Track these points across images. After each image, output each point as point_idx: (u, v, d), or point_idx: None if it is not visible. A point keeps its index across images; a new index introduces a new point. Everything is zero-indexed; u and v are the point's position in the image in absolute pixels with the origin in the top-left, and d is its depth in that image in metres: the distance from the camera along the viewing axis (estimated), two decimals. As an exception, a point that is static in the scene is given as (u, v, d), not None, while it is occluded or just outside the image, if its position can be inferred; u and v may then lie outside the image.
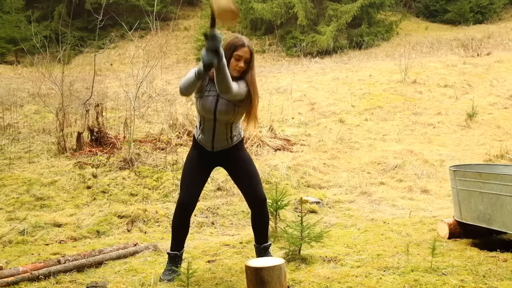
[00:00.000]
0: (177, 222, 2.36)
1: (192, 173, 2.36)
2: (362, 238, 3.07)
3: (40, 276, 2.36)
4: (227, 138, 2.34)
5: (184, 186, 2.35)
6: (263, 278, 1.90)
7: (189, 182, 2.34)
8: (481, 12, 16.23)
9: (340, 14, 13.36)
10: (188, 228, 2.41)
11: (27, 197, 3.70)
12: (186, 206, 2.33)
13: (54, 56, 5.90)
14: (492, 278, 2.26)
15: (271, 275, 1.91)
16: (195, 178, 2.36)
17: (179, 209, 2.34)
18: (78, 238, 3.19)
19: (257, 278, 1.90)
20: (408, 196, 4.22)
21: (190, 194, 2.34)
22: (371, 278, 2.30)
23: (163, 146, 4.81)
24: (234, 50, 2.19)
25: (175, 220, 2.37)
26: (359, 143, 5.86)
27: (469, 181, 2.79)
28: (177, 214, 2.36)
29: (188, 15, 17.18)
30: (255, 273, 1.91)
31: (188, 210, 2.36)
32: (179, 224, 2.36)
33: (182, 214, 2.35)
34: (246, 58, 2.21)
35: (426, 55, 11.49)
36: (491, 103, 7.44)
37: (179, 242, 2.40)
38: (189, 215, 2.38)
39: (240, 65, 2.20)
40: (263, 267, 1.91)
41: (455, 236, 2.93)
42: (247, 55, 2.20)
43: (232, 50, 2.19)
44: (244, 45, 2.20)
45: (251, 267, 1.93)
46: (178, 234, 2.38)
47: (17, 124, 5.78)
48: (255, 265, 1.93)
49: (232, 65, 2.19)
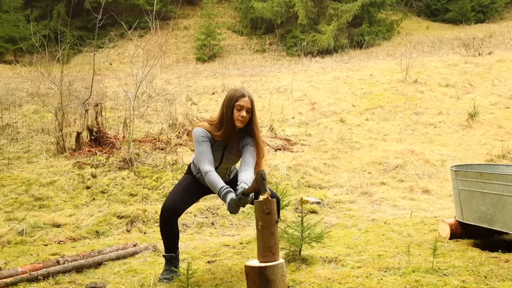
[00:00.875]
0: (165, 227, 2.33)
1: (184, 185, 2.41)
2: (363, 238, 3.06)
3: (39, 277, 2.35)
4: (226, 176, 2.47)
5: (170, 195, 2.37)
6: (268, 276, 1.89)
7: (179, 191, 2.37)
8: (482, 11, 16.21)
9: (340, 13, 13.34)
10: (177, 230, 2.38)
11: (26, 197, 3.69)
12: (171, 210, 2.29)
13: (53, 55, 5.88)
14: (494, 279, 2.25)
15: (275, 273, 1.90)
16: (187, 190, 2.39)
17: (164, 213, 2.30)
18: (77, 238, 3.18)
19: (261, 277, 1.89)
20: (409, 196, 4.21)
21: (178, 200, 2.33)
22: (372, 279, 2.29)
23: (163, 146, 4.80)
24: (235, 101, 2.28)
25: (162, 225, 2.33)
26: (360, 143, 5.85)
27: (470, 181, 2.78)
28: (162, 219, 2.32)
29: (188, 14, 17.16)
30: (259, 272, 1.89)
31: (173, 215, 2.31)
32: (167, 228, 2.33)
33: (168, 218, 2.30)
34: (248, 108, 2.30)
35: (427, 55, 11.49)
36: (493, 103, 7.42)
37: (172, 245, 2.38)
38: (175, 219, 2.33)
39: (242, 114, 2.28)
40: (267, 266, 1.89)
41: (456, 236, 2.92)
42: (248, 104, 2.29)
43: (234, 102, 2.29)
44: (244, 95, 2.30)
45: (254, 267, 1.91)
46: (168, 237, 2.36)
47: (16, 124, 5.76)
48: (259, 265, 1.92)
49: (235, 115, 2.29)
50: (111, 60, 13.88)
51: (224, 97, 2.37)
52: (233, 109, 2.28)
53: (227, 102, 2.30)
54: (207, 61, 13.76)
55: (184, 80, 9.89)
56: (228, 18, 16.74)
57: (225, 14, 16.93)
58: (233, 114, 2.28)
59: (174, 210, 2.30)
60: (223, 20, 16.39)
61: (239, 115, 2.28)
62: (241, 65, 12.61)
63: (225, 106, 2.30)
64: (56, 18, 14.37)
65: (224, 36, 14.84)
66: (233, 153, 2.39)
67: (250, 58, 13.71)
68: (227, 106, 2.28)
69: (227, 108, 2.28)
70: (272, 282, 1.90)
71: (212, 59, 13.92)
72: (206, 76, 10.64)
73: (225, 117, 2.28)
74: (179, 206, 2.32)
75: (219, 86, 8.77)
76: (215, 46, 14.06)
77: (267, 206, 1.89)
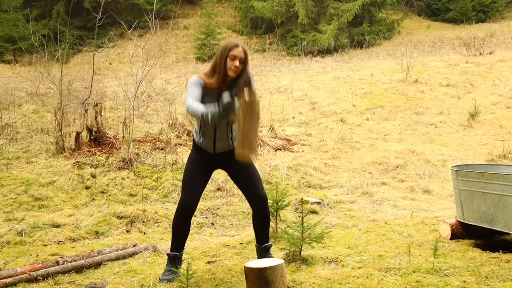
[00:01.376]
0: (179, 223, 2.39)
1: (193, 174, 2.41)
2: (364, 238, 3.05)
3: (38, 277, 2.35)
4: (228, 139, 2.40)
5: (185, 187, 2.40)
6: (267, 278, 1.90)
7: (190, 184, 2.39)
8: (483, 10, 16.15)
9: (341, 12, 13.29)
10: (189, 229, 2.44)
11: (25, 198, 3.69)
12: (187, 207, 2.36)
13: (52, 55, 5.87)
14: (495, 279, 2.26)
15: (275, 275, 1.91)
16: (196, 179, 2.40)
17: (181, 210, 2.37)
18: (77, 238, 3.17)
19: (260, 279, 1.89)
20: (409, 197, 4.20)
21: (192, 195, 2.37)
22: (372, 279, 2.29)
23: (163, 146, 4.79)
24: (228, 51, 2.31)
25: (176, 221, 2.40)
26: (360, 143, 5.84)
27: (471, 181, 2.78)
28: (178, 215, 2.39)
29: (187, 13, 17.13)
30: (258, 273, 1.90)
31: (190, 211, 2.39)
32: (180, 225, 2.39)
33: (184, 215, 2.38)
34: (241, 58, 2.32)
35: (428, 54, 11.46)
36: (494, 103, 7.40)
37: (179, 243, 2.42)
38: (190, 216, 2.41)
39: (235, 64, 2.30)
40: (267, 267, 1.90)
41: (457, 236, 2.92)
42: (241, 54, 2.32)
43: (227, 51, 2.31)
44: (237, 45, 2.34)
45: (254, 268, 1.91)
46: (179, 235, 2.41)
47: (15, 124, 5.76)
48: (258, 266, 1.91)
49: (228, 65, 2.31)
50: (110, 59, 13.86)
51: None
52: (226, 58, 2.30)
53: (221, 52, 2.33)
54: (207, 60, 13.73)
55: (184, 80, 9.86)
56: (228, 17, 16.71)
57: (225, 13, 16.90)
58: (226, 64, 2.30)
59: (187, 209, 2.36)
60: (223, 19, 16.36)
61: (232, 64, 2.30)
62: (241, 64, 12.55)
63: (218, 55, 2.33)
64: (55, 17, 14.34)
65: (224, 36, 14.81)
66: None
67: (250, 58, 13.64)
68: (220, 56, 2.31)
69: (220, 58, 2.31)
70: (272, 283, 1.91)
71: (212, 58, 13.87)
72: (206, 76, 10.58)
73: (218, 66, 2.32)
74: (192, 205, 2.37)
75: (219, 85, 8.71)
76: (215, 46, 14.03)
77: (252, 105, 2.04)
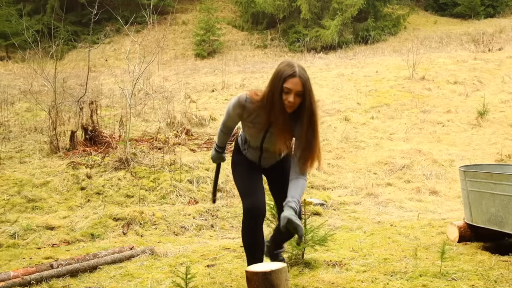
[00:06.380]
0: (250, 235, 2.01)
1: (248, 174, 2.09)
2: (368, 241, 3.02)
3: (31, 281, 2.31)
4: (276, 158, 2.14)
5: (246, 190, 2.05)
6: (273, 281, 1.87)
7: (250, 184, 2.05)
8: (492, 5, 15.80)
9: (345, 7, 13.04)
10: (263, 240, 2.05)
11: (18, 199, 3.66)
12: (256, 211, 1.99)
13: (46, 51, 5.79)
14: (504, 284, 2.25)
15: (280, 278, 1.89)
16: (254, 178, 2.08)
17: (249, 218, 1.99)
18: (72, 241, 3.14)
19: (266, 283, 1.87)
20: (416, 198, 4.16)
21: (256, 196, 2.02)
22: (377, 283, 2.27)
23: (160, 145, 4.75)
24: (283, 82, 1.87)
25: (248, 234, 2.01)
26: (365, 142, 5.76)
27: (480, 182, 2.75)
28: (248, 226, 2.00)
29: (186, 8, 16.98)
30: (263, 277, 1.88)
31: (260, 215, 2.01)
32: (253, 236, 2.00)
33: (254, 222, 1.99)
34: (298, 91, 1.88)
35: (435, 50, 11.32)
36: (503, 101, 7.27)
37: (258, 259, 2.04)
38: (261, 221, 2.02)
39: (289, 99, 1.87)
40: (271, 271, 1.88)
41: (465, 239, 2.89)
42: (298, 87, 1.87)
43: (282, 82, 1.87)
44: (294, 75, 1.86)
45: (258, 272, 1.88)
46: (254, 251, 2.02)
47: (8, 123, 5.71)
48: (262, 270, 1.87)
49: (283, 99, 1.89)
50: (106, 56, 13.72)
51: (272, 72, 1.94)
52: (282, 91, 1.86)
53: (275, 80, 1.88)
54: (206, 57, 13.62)
55: (183, 77, 9.78)
56: (228, 12, 16.55)
57: (225, 8, 16.74)
58: (281, 97, 1.86)
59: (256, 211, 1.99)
60: (223, 14, 16.20)
61: (286, 99, 1.87)
62: (242, 61, 12.48)
63: (272, 84, 1.89)
64: (49, 12, 14.19)
65: (224, 32, 14.69)
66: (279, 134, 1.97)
67: (251, 54, 13.57)
68: (273, 85, 1.88)
69: (273, 87, 1.87)
70: (277, 287, 1.87)
71: (211, 55, 13.78)
72: (206, 73, 10.53)
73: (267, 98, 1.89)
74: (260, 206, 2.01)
75: (219, 83, 8.65)
76: (214, 42, 13.90)
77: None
